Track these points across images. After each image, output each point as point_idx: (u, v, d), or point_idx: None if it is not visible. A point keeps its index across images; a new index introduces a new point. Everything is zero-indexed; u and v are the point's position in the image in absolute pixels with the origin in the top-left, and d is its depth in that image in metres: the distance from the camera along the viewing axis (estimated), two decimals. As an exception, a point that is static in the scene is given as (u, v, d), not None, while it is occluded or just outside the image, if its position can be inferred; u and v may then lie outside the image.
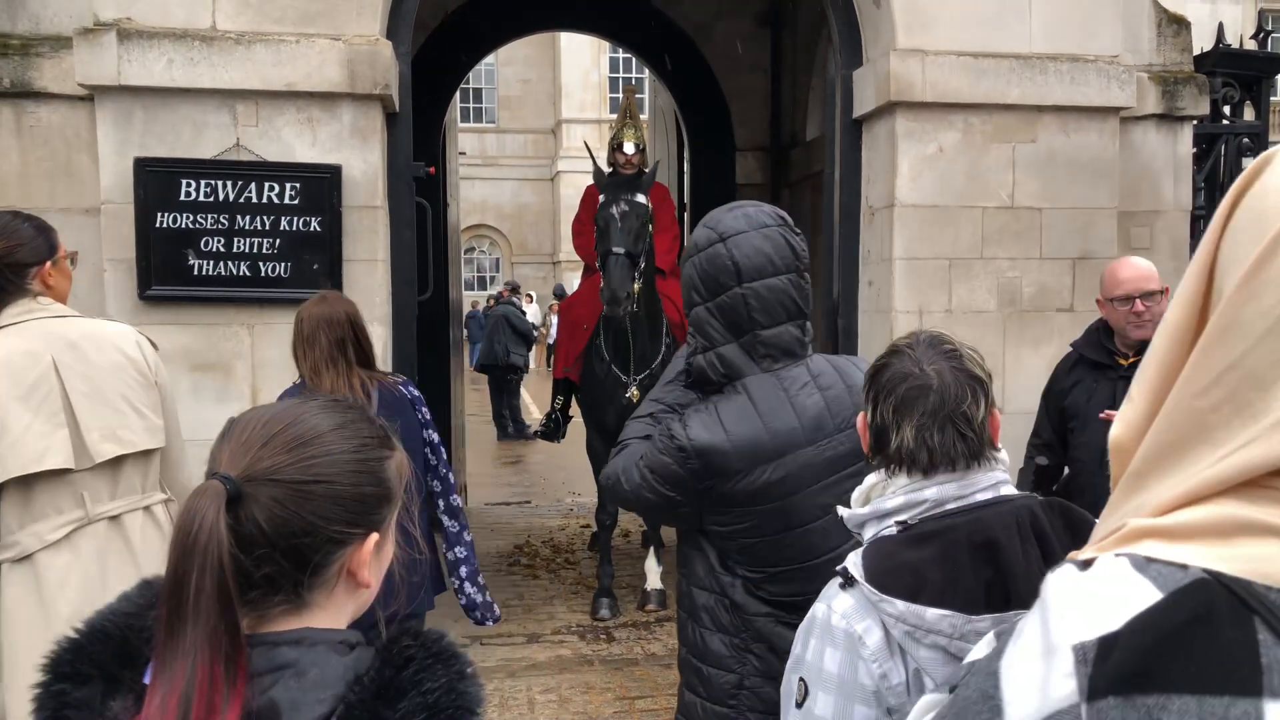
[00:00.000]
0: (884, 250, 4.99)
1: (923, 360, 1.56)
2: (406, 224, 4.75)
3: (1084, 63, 4.94)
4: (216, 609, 0.95)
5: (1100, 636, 0.61)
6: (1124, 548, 0.65)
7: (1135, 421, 0.70)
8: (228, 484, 1.01)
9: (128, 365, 2.67)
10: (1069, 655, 0.61)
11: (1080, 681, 0.60)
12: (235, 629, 0.97)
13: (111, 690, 0.99)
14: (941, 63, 4.82)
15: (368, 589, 1.12)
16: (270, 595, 1.03)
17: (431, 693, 0.99)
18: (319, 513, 1.04)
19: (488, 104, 31.36)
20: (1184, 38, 5.51)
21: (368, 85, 4.39)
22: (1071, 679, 0.61)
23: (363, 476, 1.09)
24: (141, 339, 2.79)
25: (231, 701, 0.94)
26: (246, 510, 1.01)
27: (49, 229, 2.72)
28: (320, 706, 0.98)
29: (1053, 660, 0.62)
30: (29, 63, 4.47)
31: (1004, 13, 4.89)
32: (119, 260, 4.35)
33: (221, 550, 0.96)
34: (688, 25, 8.05)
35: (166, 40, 4.28)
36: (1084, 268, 5.06)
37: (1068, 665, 0.61)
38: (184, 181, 4.30)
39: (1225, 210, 0.68)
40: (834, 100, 5.31)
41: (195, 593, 0.95)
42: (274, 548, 1.01)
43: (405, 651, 1.01)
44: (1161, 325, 0.69)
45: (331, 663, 1.01)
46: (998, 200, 4.96)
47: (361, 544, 1.08)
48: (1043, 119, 4.96)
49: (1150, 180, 5.42)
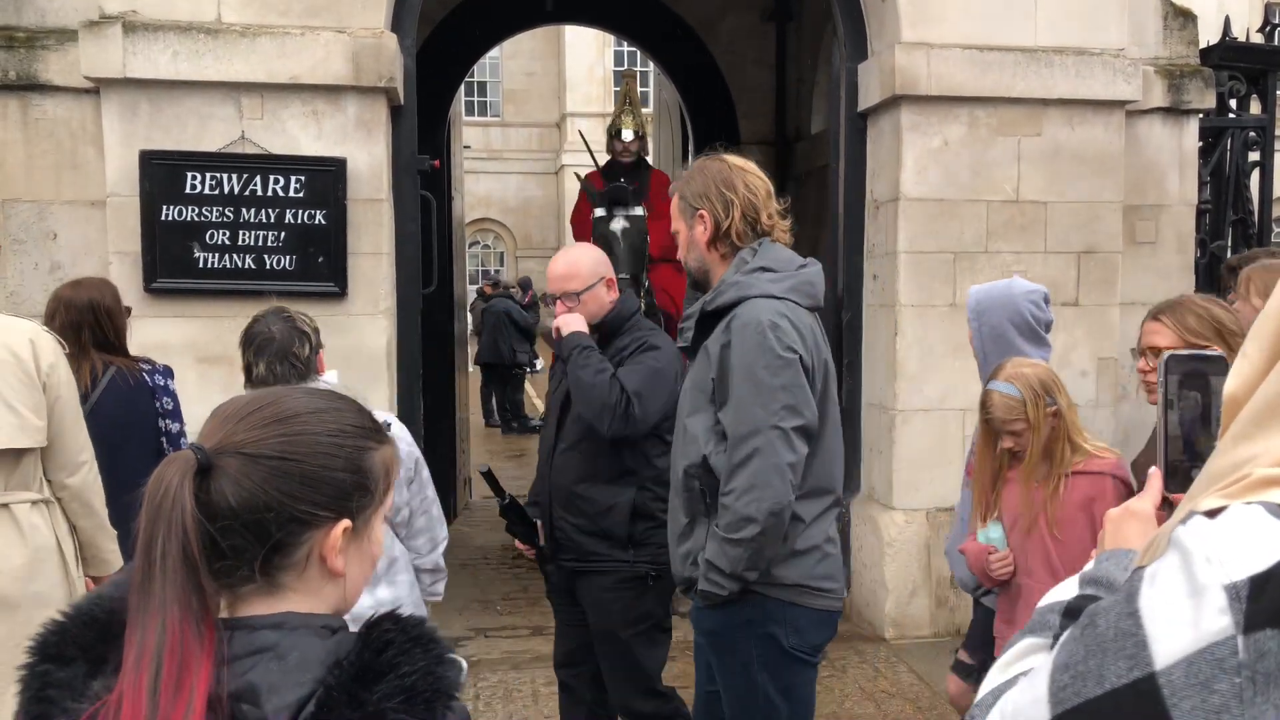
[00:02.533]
0: (888, 244, 4.99)
1: None
2: (411, 217, 4.76)
3: (1090, 56, 4.93)
4: (182, 571, 0.99)
5: (1251, 576, 0.66)
6: (1253, 496, 0.71)
7: (1250, 375, 0.76)
8: (198, 453, 1.04)
9: (11, 362, 2.68)
10: (1220, 594, 0.67)
11: (1235, 616, 0.66)
12: (201, 591, 1.00)
13: (94, 671, 1.02)
14: (947, 56, 4.81)
15: (343, 578, 1.12)
16: (237, 568, 1.06)
17: (409, 676, 1.00)
18: (284, 489, 1.06)
19: (492, 97, 31.31)
20: (1190, 31, 5.50)
21: (372, 78, 4.39)
22: (1226, 614, 0.66)
23: (335, 460, 1.10)
24: (40, 337, 2.78)
25: (201, 658, 0.98)
26: (215, 480, 1.04)
27: None
28: (299, 689, 0.99)
29: (1203, 599, 0.67)
30: (35, 55, 4.48)
31: (1010, 6, 4.88)
32: (125, 253, 4.36)
33: (185, 516, 1.00)
34: (692, 19, 8.04)
35: (172, 33, 4.28)
36: (1089, 262, 5.05)
37: (1220, 602, 0.66)
38: (189, 174, 4.31)
39: None
40: (839, 94, 5.30)
41: (162, 555, 0.99)
42: (236, 518, 1.04)
43: (384, 635, 1.03)
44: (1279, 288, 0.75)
45: (312, 646, 1.03)
46: (1002, 194, 4.95)
47: (330, 528, 1.09)
48: (1048, 112, 4.95)
49: (1156, 174, 5.41)
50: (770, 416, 2.35)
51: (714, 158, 2.61)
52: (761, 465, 2.34)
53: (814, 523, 2.51)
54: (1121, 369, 5.32)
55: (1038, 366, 2.85)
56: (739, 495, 2.36)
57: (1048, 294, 3.25)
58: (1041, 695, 0.74)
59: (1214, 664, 0.66)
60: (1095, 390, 5.10)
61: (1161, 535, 0.76)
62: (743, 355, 2.38)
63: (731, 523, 2.37)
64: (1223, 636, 0.66)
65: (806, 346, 2.43)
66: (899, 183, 4.87)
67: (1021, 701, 0.77)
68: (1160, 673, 0.67)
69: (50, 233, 4.56)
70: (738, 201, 2.49)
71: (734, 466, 2.38)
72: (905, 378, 4.93)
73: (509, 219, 31.35)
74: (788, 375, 2.37)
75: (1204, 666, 0.66)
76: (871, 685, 4.49)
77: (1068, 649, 0.74)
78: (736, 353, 2.39)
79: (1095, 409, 5.09)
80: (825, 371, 2.52)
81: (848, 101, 5.23)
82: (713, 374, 2.46)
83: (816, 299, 2.56)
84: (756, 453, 2.34)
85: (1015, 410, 2.71)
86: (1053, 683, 0.74)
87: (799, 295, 2.48)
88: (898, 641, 4.95)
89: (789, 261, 2.53)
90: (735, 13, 8.10)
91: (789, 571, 2.46)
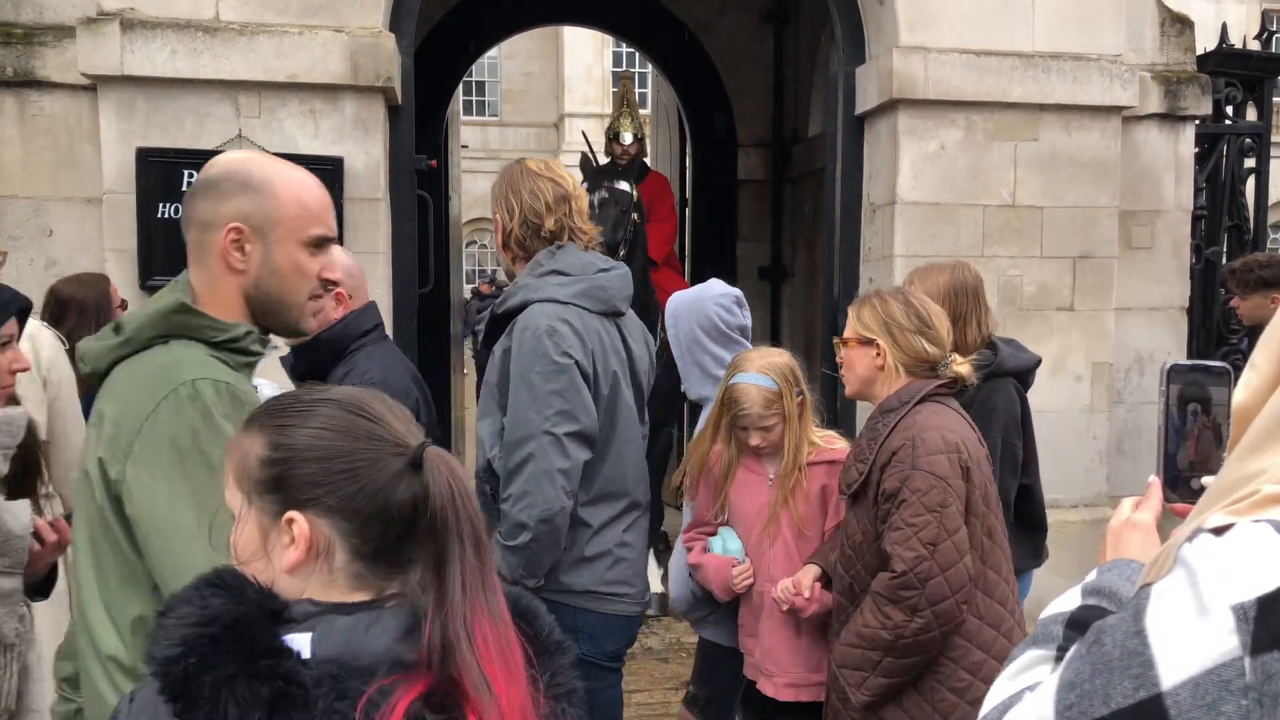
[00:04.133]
0: (885, 247, 5.00)
1: None
2: (408, 217, 4.76)
3: (1087, 61, 4.93)
4: None
5: (1259, 597, 0.66)
6: (1261, 514, 0.70)
7: (1260, 387, 0.76)
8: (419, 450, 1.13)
9: None
10: (1228, 615, 0.66)
11: (1243, 638, 0.66)
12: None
13: None
14: (944, 60, 4.82)
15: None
16: None
17: None
18: None
19: (490, 97, 31.31)
20: (1187, 37, 5.51)
21: (370, 78, 4.39)
22: (1234, 635, 0.66)
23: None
24: (40, 333, 2.79)
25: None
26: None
27: None
28: None
29: (1209, 620, 0.67)
30: (32, 52, 4.47)
31: (1007, 11, 4.88)
32: (121, 250, 4.35)
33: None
34: (691, 20, 8.04)
35: (170, 30, 4.28)
36: (1085, 267, 5.06)
37: (1228, 624, 0.66)
38: (186, 172, 4.30)
39: None
40: (836, 97, 5.30)
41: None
42: None
43: None
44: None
45: None
46: (999, 199, 4.96)
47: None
48: (1045, 117, 4.96)
49: (1152, 180, 5.42)
50: (543, 422, 2.34)
51: (517, 162, 2.63)
52: (533, 471, 2.34)
53: (604, 528, 2.50)
54: (1117, 374, 5.34)
55: (783, 354, 2.78)
56: (514, 501, 2.36)
57: (739, 296, 3.15)
58: (1047, 713, 0.74)
59: (1221, 685, 0.66)
60: (1090, 395, 5.11)
61: (1168, 551, 0.75)
62: (519, 360, 2.38)
63: (509, 529, 2.37)
64: (1230, 658, 0.66)
65: (587, 352, 2.41)
66: (896, 186, 4.88)
67: (1027, 719, 0.76)
68: (1167, 693, 0.67)
69: (46, 229, 4.55)
70: (519, 208, 2.51)
71: (508, 472, 2.38)
72: (900, 381, 4.93)
73: (506, 219, 31.36)
74: (562, 381, 2.36)
75: (1211, 688, 0.66)
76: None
77: (1074, 667, 0.74)
78: (514, 357, 2.40)
79: (1090, 414, 5.10)
80: (614, 378, 2.49)
81: (845, 104, 5.23)
82: (495, 379, 2.46)
83: (609, 303, 2.53)
84: (529, 458, 2.34)
85: (773, 403, 2.65)
86: (1059, 701, 0.73)
87: (588, 300, 2.47)
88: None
89: (585, 266, 2.51)
90: (733, 14, 8.10)
91: (579, 578, 2.48)
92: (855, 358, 2.45)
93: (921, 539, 2.21)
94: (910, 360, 2.40)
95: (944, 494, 2.23)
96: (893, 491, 2.27)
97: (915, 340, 2.39)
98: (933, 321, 2.42)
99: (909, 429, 2.30)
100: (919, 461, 2.25)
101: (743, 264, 8.08)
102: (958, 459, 2.27)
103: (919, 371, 2.41)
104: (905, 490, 2.24)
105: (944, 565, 2.21)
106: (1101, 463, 5.14)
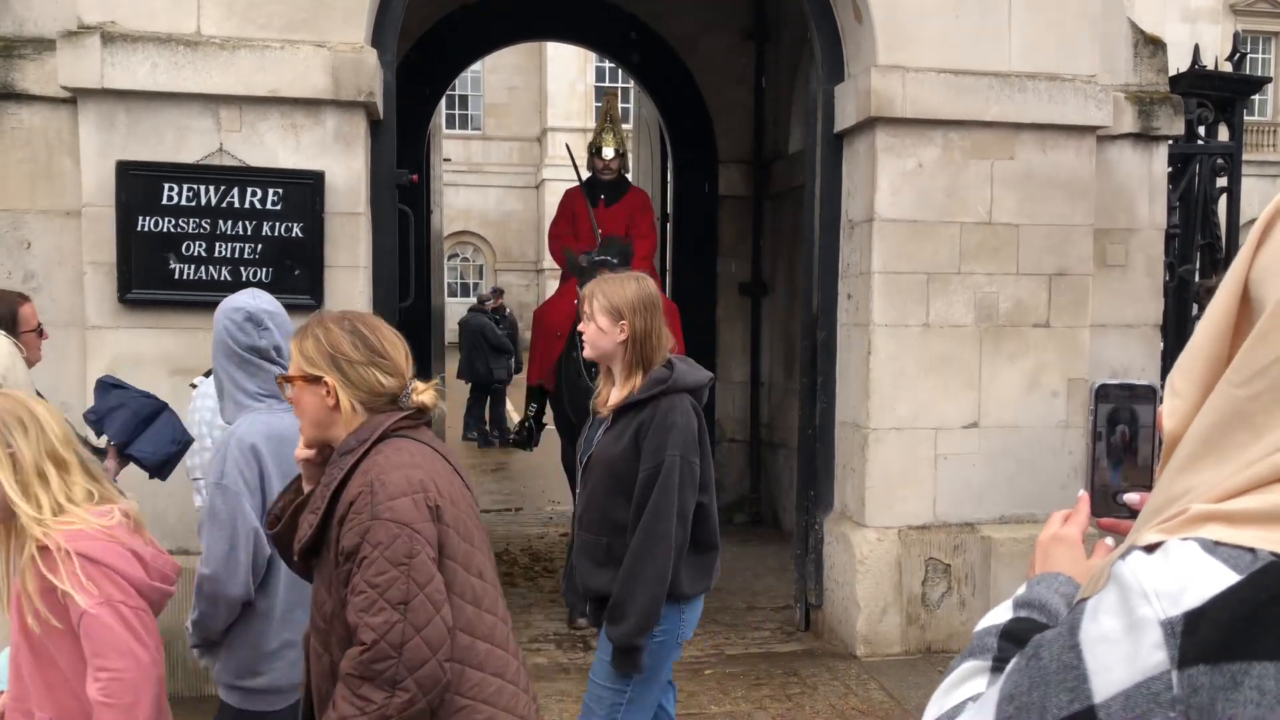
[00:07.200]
0: (863, 264, 5.04)
1: None
2: (388, 231, 4.77)
3: (1062, 82, 5.01)
4: None
5: (1185, 612, 0.68)
6: (1189, 532, 0.72)
7: (1186, 413, 0.78)
8: None
9: None
10: (1156, 629, 0.69)
11: (1170, 652, 0.68)
12: None
13: None
14: (922, 80, 4.88)
15: None
16: None
17: None
18: None
19: (474, 110, 31.33)
20: (1160, 58, 5.60)
21: (352, 92, 4.41)
22: (1161, 650, 0.68)
23: None
24: (1, 345, 2.82)
25: None
26: None
27: None
28: None
29: (1139, 635, 0.69)
30: (11, 64, 4.46)
31: (984, 32, 4.95)
32: (99, 263, 4.34)
33: None
34: (672, 37, 8.09)
35: (151, 44, 4.28)
36: (1060, 284, 5.12)
37: (1156, 638, 0.69)
38: (166, 185, 4.30)
39: (1263, 225, 0.77)
40: (815, 115, 5.36)
41: None
42: None
43: None
44: (1202, 327, 0.78)
45: None
46: (976, 216, 5.02)
47: None
48: (1021, 136, 5.02)
49: (1126, 198, 5.49)
50: None
51: None
52: None
53: None
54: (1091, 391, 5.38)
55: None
56: None
57: (253, 312, 2.80)
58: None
59: (1150, 698, 0.68)
60: (1066, 411, 5.16)
61: (1103, 568, 0.78)
62: None
63: None
64: (1158, 671, 0.68)
65: None
66: (874, 203, 4.92)
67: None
68: (1099, 706, 0.70)
69: (24, 242, 4.53)
70: None
71: None
72: (879, 396, 4.97)
73: (489, 232, 31.34)
74: None
75: (1140, 700, 0.68)
76: (842, 702, 4.51)
77: (1013, 680, 0.77)
78: None
79: (1065, 429, 5.15)
80: None
81: (824, 122, 5.28)
82: None
83: None
84: None
85: None
86: (999, 713, 0.76)
87: None
88: (869, 659, 4.97)
89: None
90: (715, 32, 8.16)
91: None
92: (304, 399, 2.11)
93: (389, 600, 1.92)
94: (366, 396, 2.11)
95: (410, 542, 1.94)
96: (352, 549, 1.96)
97: (368, 373, 2.11)
98: (386, 350, 2.15)
99: (368, 473, 2.01)
100: (379, 509, 1.95)
101: (723, 279, 8.12)
102: (423, 499, 2.00)
103: (378, 406, 2.12)
104: (366, 545, 1.94)
105: (419, 625, 1.93)
106: (1076, 478, 5.19)
